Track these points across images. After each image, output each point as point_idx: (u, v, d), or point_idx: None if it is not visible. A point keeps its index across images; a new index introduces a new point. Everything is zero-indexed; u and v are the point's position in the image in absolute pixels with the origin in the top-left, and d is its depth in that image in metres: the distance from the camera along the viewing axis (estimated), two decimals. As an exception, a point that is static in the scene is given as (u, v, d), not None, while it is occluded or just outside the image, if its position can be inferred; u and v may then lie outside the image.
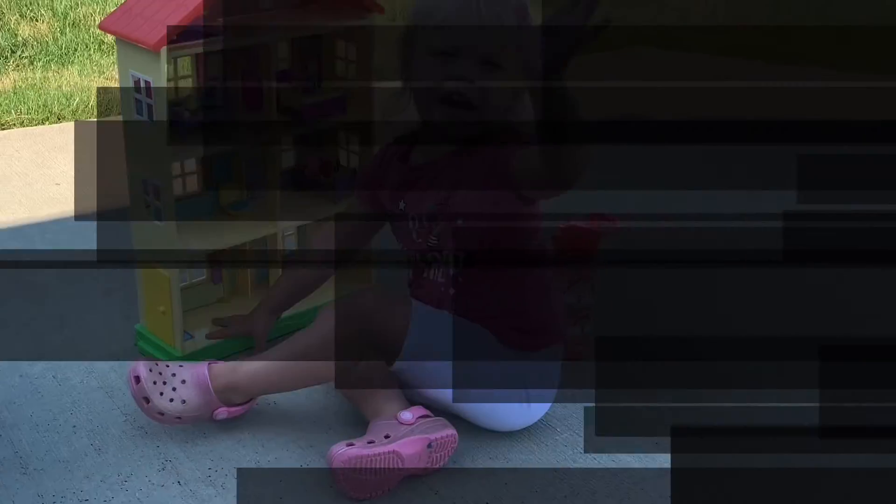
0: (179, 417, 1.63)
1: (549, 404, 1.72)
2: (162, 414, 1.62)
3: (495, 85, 1.54)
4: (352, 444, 1.54)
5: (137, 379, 1.61)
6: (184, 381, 1.63)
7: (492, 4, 1.52)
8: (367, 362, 1.61)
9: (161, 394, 1.61)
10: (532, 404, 1.68)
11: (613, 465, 1.63)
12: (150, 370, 1.62)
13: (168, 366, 1.65)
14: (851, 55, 4.24)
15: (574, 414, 1.76)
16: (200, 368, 1.64)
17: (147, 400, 1.61)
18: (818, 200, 2.58)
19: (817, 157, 2.86)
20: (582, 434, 1.71)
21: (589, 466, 1.63)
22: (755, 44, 4.40)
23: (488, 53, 1.52)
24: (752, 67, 4.13)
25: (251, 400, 1.68)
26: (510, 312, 1.65)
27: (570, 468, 1.63)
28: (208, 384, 1.63)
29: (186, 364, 1.66)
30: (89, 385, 1.81)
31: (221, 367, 1.66)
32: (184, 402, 1.62)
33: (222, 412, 1.66)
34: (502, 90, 1.55)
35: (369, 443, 1.55)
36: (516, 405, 1.67)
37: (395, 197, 1.71)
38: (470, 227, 1.61)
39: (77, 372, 1.85)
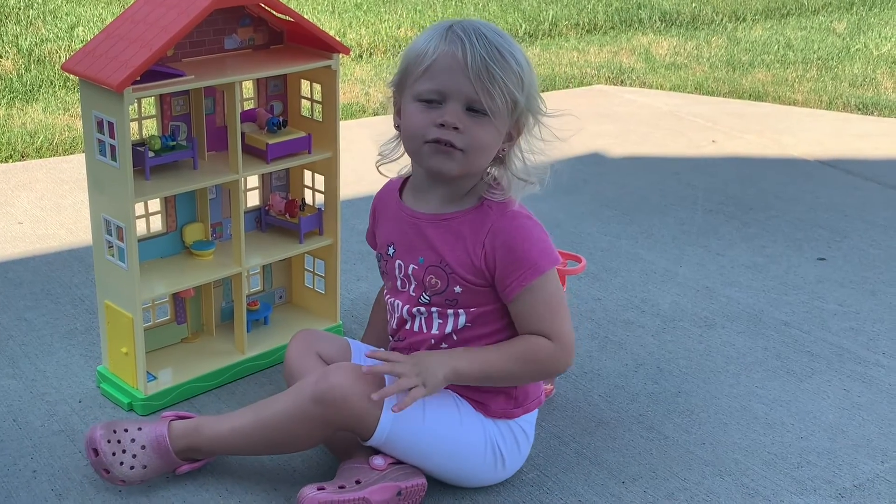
0: (142, 480, 1.61)
1: (524, 459, 1.70)
2: (124, 482, 1.60)
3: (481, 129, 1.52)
4: (322, 488, 1.53)
5: (95, 452, 1.59)
6: (143, 447, 1.60)
7: (478, 50, 1.50)
8: None
9: (121, 463, 1.59)
10: (507, 464, 1.65)
11: (580, 505, 1.63)
12: (108, 441, 1.59)
13: (126, 429, 1.62)
14: None
15: (541, 453, 1.75)
16: (160, 430, 1.62)
17: (107, 471, 1.59)
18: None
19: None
20: (549, 474, 1.71)
21: (556, 506, 1.63)
22: None
23: (475, 100, 1.51)
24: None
25: None
26: None
27: (536, 508, 1.62)
28: (168, 447, 1.61)
29: (145, 425, 1.63)
30: (50, 429, 1.78)
31: (182, 427, 1.63)
32: (144, 467, 1.60)
33: (185, 468, 1.64)
34: (488, 135, 1.53)
35: (340, 487, 1.54)
36: (490, 467, 1.64)
37: (385, 238, 1.68)
38: (468, 294, 1.58)
39: (38, 415, 1.82)
